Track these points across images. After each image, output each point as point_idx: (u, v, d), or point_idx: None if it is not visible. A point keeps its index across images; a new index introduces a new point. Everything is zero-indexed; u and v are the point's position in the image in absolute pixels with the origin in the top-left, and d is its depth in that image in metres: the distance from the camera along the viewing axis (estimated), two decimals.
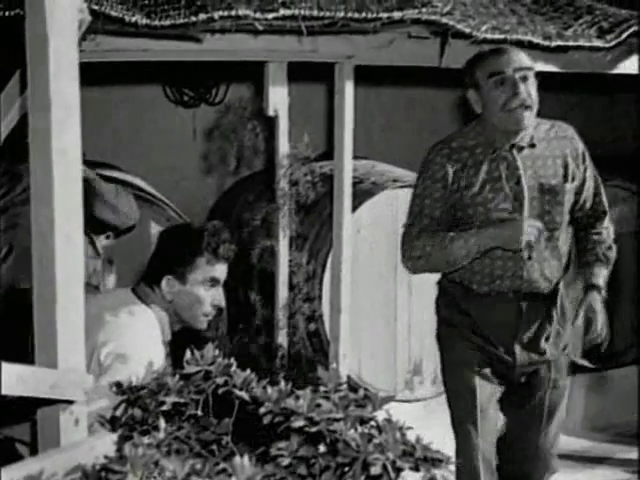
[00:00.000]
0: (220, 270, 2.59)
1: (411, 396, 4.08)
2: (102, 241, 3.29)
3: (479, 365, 2.81)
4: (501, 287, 2.76)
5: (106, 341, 2.43)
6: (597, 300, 2.81)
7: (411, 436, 1.73)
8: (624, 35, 3.52)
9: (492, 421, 2.83)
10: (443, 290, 2.94)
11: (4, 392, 1.74)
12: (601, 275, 2.86)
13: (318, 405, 1.73)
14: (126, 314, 2.52)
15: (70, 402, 1.91)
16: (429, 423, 3.41)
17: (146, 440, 1.73)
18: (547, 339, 2.81)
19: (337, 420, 1.70)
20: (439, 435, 2.93)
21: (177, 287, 2.55)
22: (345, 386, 1.89)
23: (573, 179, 2.75)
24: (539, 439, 2.88)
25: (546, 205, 2.72)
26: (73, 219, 1.88)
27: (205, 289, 2.57)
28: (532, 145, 2.71)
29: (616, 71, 3.78)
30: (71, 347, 1.90)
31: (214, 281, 2.57)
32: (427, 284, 3.93)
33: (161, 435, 1.76)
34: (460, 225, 2.76)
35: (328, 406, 1.74)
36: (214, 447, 1.82)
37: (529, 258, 2.73)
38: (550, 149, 2.73)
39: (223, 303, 2.62)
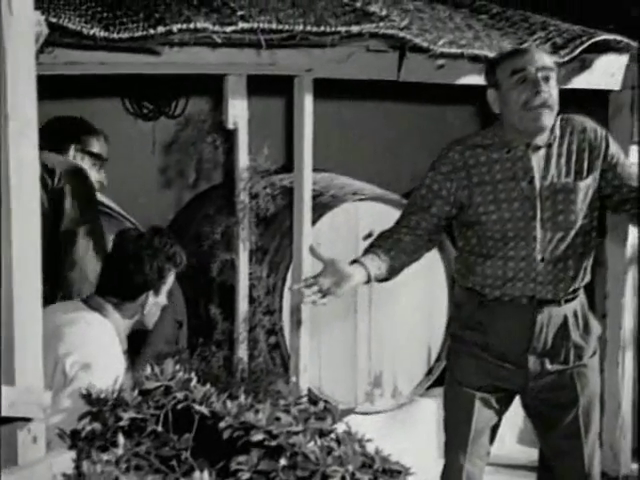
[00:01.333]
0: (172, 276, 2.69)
1: (371, 408, 4.09)
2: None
3: (482, 389, 2.76)
4: (514, 291, 2.70)
5: (68, 352, 2.43)
6: None
7: (371, 448, 1.74)
8: (577, 51, 3.57)
9: (483, 448, 2.80)
10: (456, 304, 2.89)
11: None
12: None
13: (277, 419, 1.73)
14: (84, 324, 2.53)
15: (28, 420, 1.89)
16: (389, 435, 3.43)
17: (105, 457, 1.72)
18: (565, 349, 2.74)
19: (296, 433, 1.71)
20: (399, 447, 2.95)
21: (152, 300, 2.62)
22: (305, 399, 1.89)
23: (588, 174, 2.70)
24: (582, 461, 2.80)
25: (560, 205, 2.68)
26: (30, 230, 1.87)
27: (165, 298, 2.68)
28: (549, 145, 2.70)
29: (569, 86, 3.84)
30: (29, 366, 1.88)
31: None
32: (388, 296, 3.97)
33: (120, 451, 1.75)
34: (470, 224, 2.74)
35: (287, 419, 1.74)
36: (174, 463, 1.81)
37: (542, 260, 2.68)
38: (564, 146, 2.72)
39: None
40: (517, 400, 2.87)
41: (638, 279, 4.20)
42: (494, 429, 2.85)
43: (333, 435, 1.77)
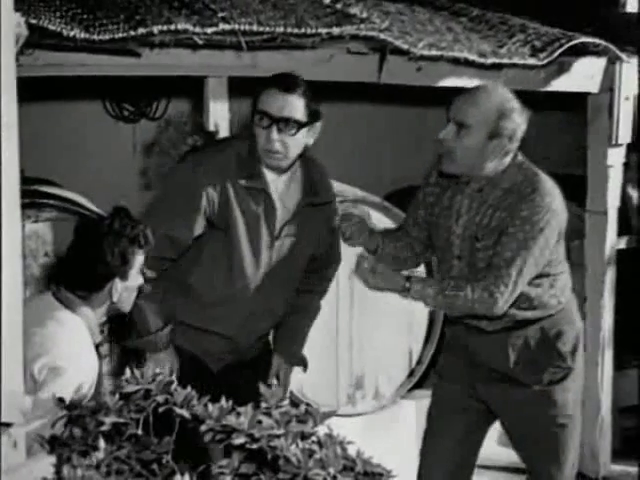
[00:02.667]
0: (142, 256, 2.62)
1: (353, 411, 4.09)
2: None
3: (455, 410, 2.90)
4: (450, 317, 2.93)
5: (37, 355, 2.38)
6: None
7: (352, 450, 1.74)
8: (556, 53, 3.59)
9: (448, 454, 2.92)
10: (445, 335, 3.08)
11: None
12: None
13: (259, 422, 1.73)
14: (54, 324, 2.47)
15: (8, 425, 1.88)
16: (371, 437, 3.43)
17: (85, 461, 1.71)
18: (527, 368, 2.82)
19: (278, 436, 1.70)
20: (380, 449, 2.95)
21: (120, 286, 2.56)
22: (287, 402, 1.89)
23: (510, 240, 2.67)
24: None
25: (477, 253, 2.74)
26: (11, 233, 1.85)
27: (139, 278, 2.62)
28: (479, 190, 2.74)
29: (548, 89, 3.86)
30: (11, 370, 1.87)
31: (142, 268, 2.62)
32: (369, 298, 3.97)
33: (100, 455, 1.74)
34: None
35: (269, 422, 1.73)
36: (154, 466, 1.80)
37: None
38: (501, 200, 2.71)
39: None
40: None
41: (616, 281, 4.23)
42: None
43: (314, 438, 1.77)
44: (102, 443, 1.76)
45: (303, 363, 3.18)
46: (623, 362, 4.64)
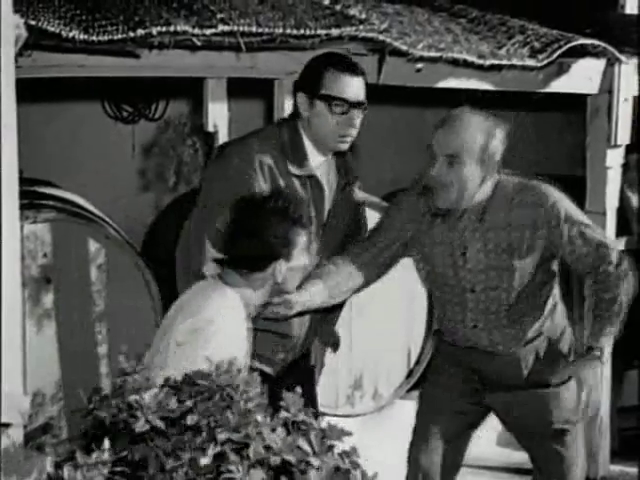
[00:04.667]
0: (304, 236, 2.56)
1: (352, 411, 4.09)
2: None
3: (449, 413, 2.87)
4: (460, 342, 2.84)
5: (183, 321, 2.41)
6: (588, 366, 2.71)
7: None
8: (555, 55, 3.59)
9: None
10: (434, 341, 3.04)
11: None
12: (600, 334, 2.73)
13: (297, 446, 1.70)
14: (207, 295, 2.48)
15: (7, 425, 1.88)
16: (369, 438, 3.43)
17: (89, 460, 1.70)
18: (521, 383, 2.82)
19: (313, 467, 1.68)
20: (379, 449, 2.96)
21: (285, 267, 2.51)
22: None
23: (528, 253, 2.68)
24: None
25: (492, 281, 2.70)
26: (10, 235, 1.85)
27: (302, 258, 2.55)
28: (481, 218, 2.67)
29: (547, 90, 3.86)
30: (11, 371, 1.86)
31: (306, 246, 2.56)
32: (368, 299, 3.97)
33: (105, 456, 1.72)
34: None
35: (306, 448, 1.70)
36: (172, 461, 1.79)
37: (474, 327, 2.76)
38: (508, 219, 2.67)
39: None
40: None
41: None
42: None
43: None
44: (106, 443, 1.75)
45: (336, 343, 3.12)
46: (622, 363, 4.65)
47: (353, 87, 2.70)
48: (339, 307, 3.05)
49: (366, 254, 2.82)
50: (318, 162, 2.80)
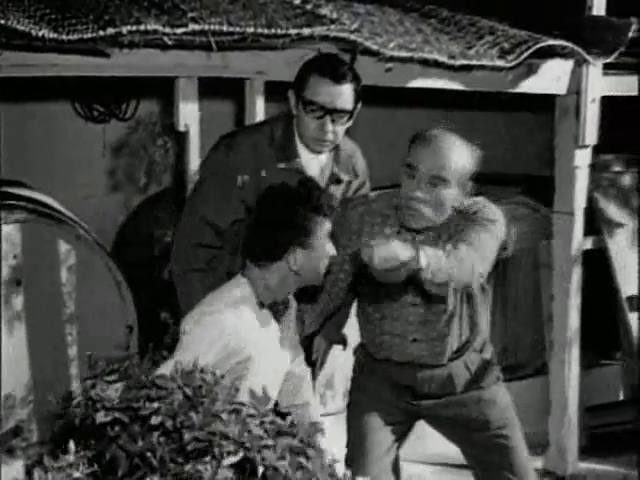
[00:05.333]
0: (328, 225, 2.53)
1: (323, 410, 4.10)
2: None
3: (379, 408, 2.85)
4: (395, 357, 2.81)
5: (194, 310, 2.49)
6: None
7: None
8: (524, 55, 3.63)
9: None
10: (356, 358, 2.99)
11: None
12: None
13: (249, 432, 1.72)
14: (219, 289, 2.54)
15: None
16: (341, 437, 3.44)
17: (56, 463, 1.70)
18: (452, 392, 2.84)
19: (268, 447, 1.70)
20: None
21: (301, 255, 2.49)
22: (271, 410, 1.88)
23: None
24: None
25: (432, 296, 2.69)
26: None
27: (325, 246, 2.53)
28: (438, 236, 2.66)
29: (516, 90, 3.90)
30: None
31: (330, 236, 2.54)
32: None
33: (71, 458, 1.72)
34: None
35: (260, 432, 1.72)
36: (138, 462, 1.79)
37: (414, 340, 2.77)
38: (456, 238, 2.64)
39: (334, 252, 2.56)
40: None
41: (582, 280, 4.28)
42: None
43: (301, 450, 1.76)
44: (71, 445, 1.75)
45: (343, 341, 3.16)
46: (589, 361, 4.71)
47: (331, 94, 2.73)
48: (341, 307, 3.07)
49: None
50: (308, 158, 2.85)
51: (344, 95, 2.75)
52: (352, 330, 3.84)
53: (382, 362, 2.86)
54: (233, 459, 1.67)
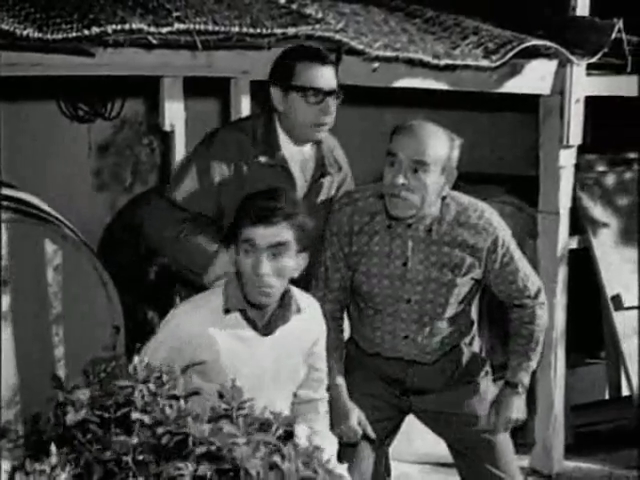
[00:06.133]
0: (255, 233, 2.37)
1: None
2: None
3: (368, 403, 2.84)
4: (385, 353, 2.82)
5: None
6: (508, 396, 2.85)
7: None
8: (508, 56, 3.64)
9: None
10: (347, 352, 2.93)
11: None
12: (519, 369, 2.85)
13: (220, 429, 1.71)
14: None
15: None
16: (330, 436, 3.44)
17: (39, 466, 1.70)
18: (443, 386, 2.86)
19: (239, 444, 1.69)
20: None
21: (234, 257, 2.44)
22: (248, 404, 1.88)
23: (468, 272, 2.72)
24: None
25: (430, 294, 2.72)
26: None
27: (244, 255, 2.39)
28: (429, 230, 2.69)
29: (501, 90, 3.91)
30: None
31: (251, 245, 2.37)
32: None
33: (53, 460, 1.72)
34: (354, 292, 2.83)
35: (231, 430, 1.72)
36: (114, 467, 1.79)
37: (405, 337, 2.77)
38: (452, 235, 2.70)
39: (263, 270, 2.36)
40: None
41: (568, 279, 4.30)
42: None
43: (276, 447, 1.75)
44: (53, 447, 1.75)
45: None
46: (575, 361, 4.73)
47: (325, 76, 2.76)
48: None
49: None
50: (291, 153, 2.84)
51: (333, 76, 2.79)
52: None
53: (372, 356, 2.87)
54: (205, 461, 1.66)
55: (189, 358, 2.43)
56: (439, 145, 2.61)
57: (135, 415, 1.79)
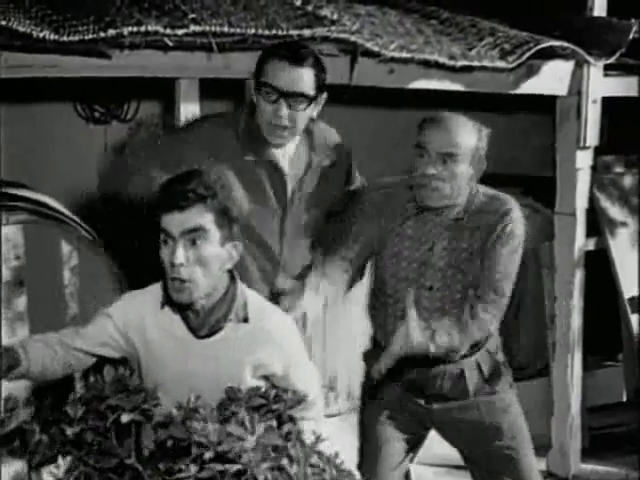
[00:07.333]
0: (169, 220, 2.22)
1: (326, 412, 4.09)
2: None
3: (391, 417, 2.83)
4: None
5: None
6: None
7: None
8: (525, 56, 3.63)
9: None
10: (367, 364, 2.93)
11: None
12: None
13: (229, 434, 1.69)
14: None
15: None
16: (343, 438, 3.44)
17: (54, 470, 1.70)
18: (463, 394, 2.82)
19: (247, 450, 1.68)
20: (354, 449, 2.97)
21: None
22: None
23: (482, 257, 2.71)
24: None
25: (451, 281, 2.72)
26: None
27: (163, 246, 2.27)
28: (458, 219, 2.71)
29: (518, 91, 3.90)
30: None
31: (167, 234, 2.24)
32: (341, 298, 3.98)
33: (63, 467, 1.72)
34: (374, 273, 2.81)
35: (238, 432, 1.70)
36: (121, 471, 1.79)
37: (426, 328, 2.69)
38: (476, 224, 2.71)
39: (177, 260, 2.21)
40: None
41: (585, 281, 4.28)
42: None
43: (286, 451, 1.74)
44: (60, 461, 1.74)
45: None
46: (592, 363, 4.71)
47: (287, 76, 2.60)
48: None
49: (349, 258, 2.80)
50: (278, 147, 2.76)
51: (301, 79, 2.61)
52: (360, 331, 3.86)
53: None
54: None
55: (124, 341, 2.38)
56: (467, 136, 2.65)
57: (124, 418, 1.77)
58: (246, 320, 2.33)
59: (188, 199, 2.19)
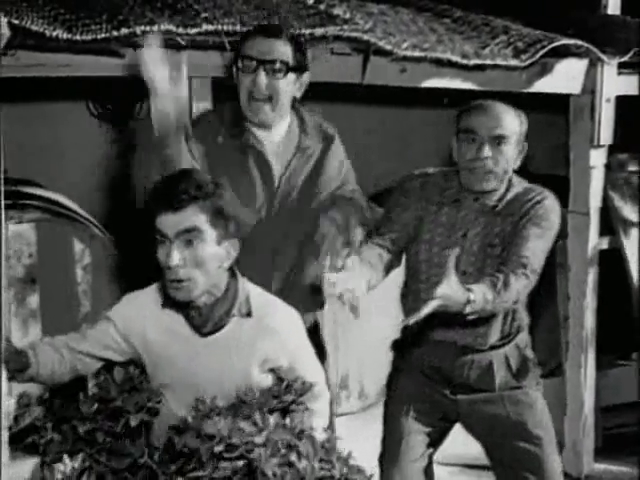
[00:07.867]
0: (164, 221, 2.22)
1: (338, 410, 4.09)
2: None
3: (415, 409, 2.84)
4: (437, 335, 2.82)
5: None
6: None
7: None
8: (538, 55, 3.61)
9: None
10: (395, 353, 2.98)
11: None
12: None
13: (240, 429, 1.70)
14: None
15: None
16: (355, 437, 3.44)
17: (64, 468, 1.71)
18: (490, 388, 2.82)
19: (257, 445, 1.68)
20: (365, 448, 2.97)
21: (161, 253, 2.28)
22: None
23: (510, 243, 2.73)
24: None
25: (484, 266, 2.73)
26: None
27: (159, 247, 2.26)
28: (494, 207, 2.75)
29: (531, 90, 3.88)
30: None
31: (162, 235, 2.24)
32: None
33: (77, 464, 1.73)
34: (408, 261, 2.84)
35: (250, 429, 1.71)
36: (135, 470, 1.80)
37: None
38: (511, 211, 2.75)
39: (172, 262, 2.20)
40: None
41: (599, 281, 4.26)
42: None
43: (295, 445, 1.75)
44: (67, 459, 1.75)
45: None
46: (605, 362, 4.68)
47: (264, 45, 2.66)
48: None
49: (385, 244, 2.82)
50: (264, 134, 2.77)
51: (278, 48, 2.67)
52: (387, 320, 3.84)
53: (422, 346, 2.85)
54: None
55: (125, 344, 2.38)
56: (512, 120, 2.77)
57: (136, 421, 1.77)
58: (249, 315, 2.33)
59: (181, 200, 2.18)
